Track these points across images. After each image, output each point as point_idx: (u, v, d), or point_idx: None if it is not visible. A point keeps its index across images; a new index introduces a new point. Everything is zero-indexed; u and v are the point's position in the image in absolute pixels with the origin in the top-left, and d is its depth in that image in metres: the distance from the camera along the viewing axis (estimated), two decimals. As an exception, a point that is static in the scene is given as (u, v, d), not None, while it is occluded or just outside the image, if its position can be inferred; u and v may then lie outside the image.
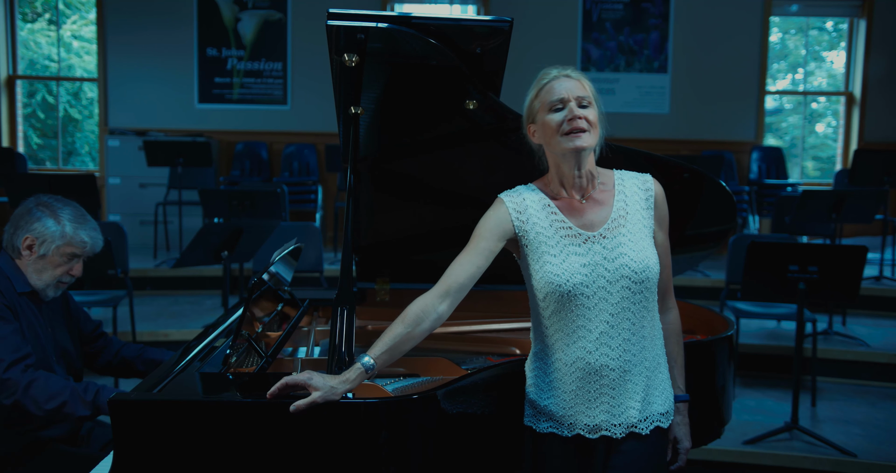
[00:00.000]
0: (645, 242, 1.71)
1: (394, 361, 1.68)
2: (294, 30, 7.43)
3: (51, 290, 2.29)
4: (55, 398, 2.09)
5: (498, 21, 1.97)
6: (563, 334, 1.69)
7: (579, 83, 1.70)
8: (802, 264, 3.58)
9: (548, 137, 1.71)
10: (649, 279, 1.68)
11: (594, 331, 1.66)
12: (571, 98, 1.67)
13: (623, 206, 1.74)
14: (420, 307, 1.67)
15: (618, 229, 1.71)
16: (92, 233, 2.30)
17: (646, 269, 1.68)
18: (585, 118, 1.67)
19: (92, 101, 8.43)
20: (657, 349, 1.75)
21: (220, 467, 1.60)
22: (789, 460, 3.60)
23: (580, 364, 1.67)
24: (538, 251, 1.70)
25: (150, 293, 5.89)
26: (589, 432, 1.69)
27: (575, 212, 1.73)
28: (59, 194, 2.39)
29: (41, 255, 2.24)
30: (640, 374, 1.69)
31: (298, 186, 7.14)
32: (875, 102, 7.56)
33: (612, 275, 1.66)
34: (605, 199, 1.75)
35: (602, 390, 1.68)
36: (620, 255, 1.67)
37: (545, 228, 1.71)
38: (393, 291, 2.77)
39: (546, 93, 1.70)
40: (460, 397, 1.80)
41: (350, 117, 2.11)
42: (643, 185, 1.78)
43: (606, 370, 1.67)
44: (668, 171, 2.48)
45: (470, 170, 2.41)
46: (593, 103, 1.70)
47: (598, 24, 7.43)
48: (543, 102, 1.70)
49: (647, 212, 1.75)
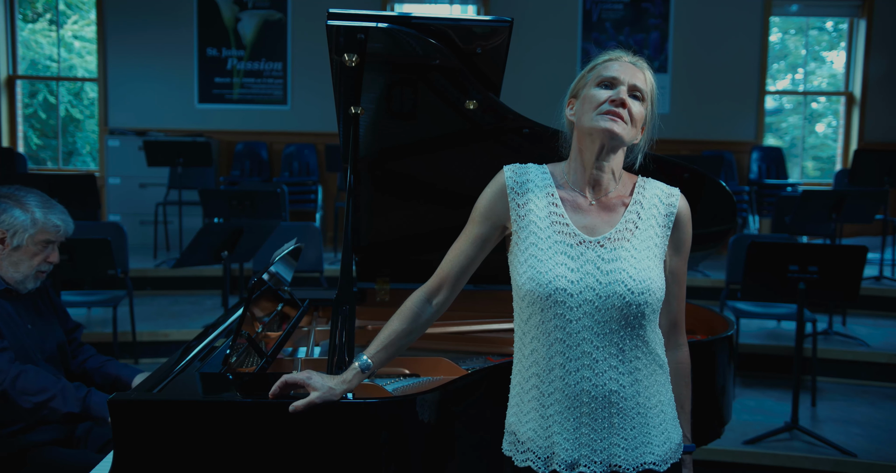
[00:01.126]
0: (650, 262, 1.50)
1: (393, 358, 1.65)
2: (294, 30, 7.43)
3: (30, 282, 2.25)
4: (44, 392, 2.06)
5: (498, 21, 1.97)
6: (541, 344, 1.50)
7: (642, 74, 1.54)
8: (802, 264, 3.58)
9: (583, 111, 1.52)
10: (647, 304, 1.47)
11: (574, 348, 1.47)
12: (626, 82, 1.51)
13: (635, 217, 1.54)
14: (415, 303, 1.62)
15: (620, 242, 1.51)
16: (62, 216, 2.26)
17: (645, 291, 1.46)
18: (630, 109, 1.50)
19: (93, 101, 8.43)
20: (657, 387, 1.53)
21: (221, 467, 1.60)
22: (789, 460, 3.60)
23: (558, 385, 1.49)
24: (526, 241, 1.53)
25: (150, 293, 5.89)
26: (566, 468, 1.49)
27: (579, 210, 1.54)
28: (59, 195, 2.38)
29: (15, 247, 2.19)
30: (632, 409, 1.49)
31: (298, 186, 7.15)
32: (875, 102, 7.56)
33: (602, 289, 1.46)
34: (616, 205, 1.56)
35: (582, 419, 1.48)
36: (617, 269, 1.47)
37: (540, 217, 1.53)
38: (393, 291, 2.77)
39: (603, 68, 1.53)
40: (460, 397, 1.80)
41: (350, 117, 2.11)
42: (667, 199, 1.58)
43: (586, 397, 1.47)
44: (668, 171, 2.48)
45: (470, 170, 2.40)
46: (647, 100, 1.54)
47: (598, 24, 7.43)
48: (595, 76, 1.53)
49: (662, 230, 1.55)
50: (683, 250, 1.59)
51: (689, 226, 1.59)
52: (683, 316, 1.63)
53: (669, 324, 1.61)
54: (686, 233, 1.59)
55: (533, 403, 1.54)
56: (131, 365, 2.44)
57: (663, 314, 1.58)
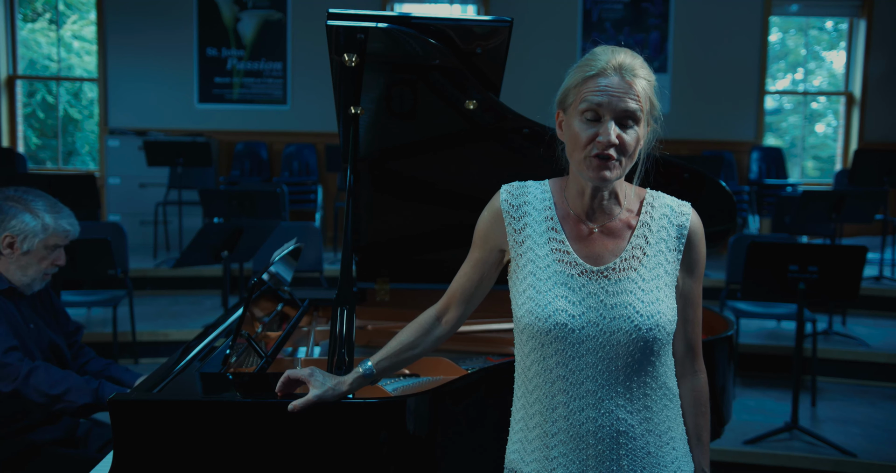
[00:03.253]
0: (661, 292, 1.38)
1: (397, 369, 1.64)
2: (294, 30, 7.43)
3: (37, 284, 2.26)
4: (58, 385, 2.08)
5: (498, 21, 1.97)
6: (543, 380, 1.40)
7: (631, 88, 1.33)
8: (802, 264, 3.58)
9: (570, 147, 1.38)
10: (657, 340, 1.36)
11: (578, 387, 1.36)
12: (612, 112, 1.32)
13: (643, 242, 1.41)
14: (425, 318, 1.59)
15: (627, 271, 1.38)
16: (70, 220, 2.28)
17: (655, 327, 1.35)
18: (621, 144, 1.32)
19: (92, 101, 8.43)
20: (668, 423, 1.42)
21: (221, 467, 1.60)
22: (789, 460, 3.60)
23: (562, 425, 1.38)
24: (524, 270, 1.42)
25: (150, 293, 5.89)
26: None
27: (581, 236, 1.42)
28: (59, 195, 2.38)
29: (25, 251, 2.21)
30: (642, 449, 1.38)
31: (298, 186, 7.15)
32: (875, 102, 7.56)
33: (608, 325, 1.35)
34: (621, 230, 1.42)
35: (588, 462, 1.38)
36: (623, 303, 1.35)
37: (539, 244, 1.42)
38: (393, 291, 2.76)
39: (588, 89, 1.34)
40: (460, 397, 1.80)
41: (350, 117, 2.11)
42: (677, 218, 1.43)
43: (592, 439, 1.37)
44: (668, 171, 2.47)
45: (470, 170, 2.41)
46: (642, 117, 1.35)
47: (598, 24, 7.43)
48: (580, 99, 1.35)
49: (673, 254, 1.41)
50: (697, 271, 1.46)
51: (703, 245, 1.46)
52: (700, 341, 1.51)
53: (685, 350, 1.49)
54: (699, 253, 1.45)
55: (536, 442, 1.43)
56: (133, 371, 2.45)
57: (678, 339, 1.48)
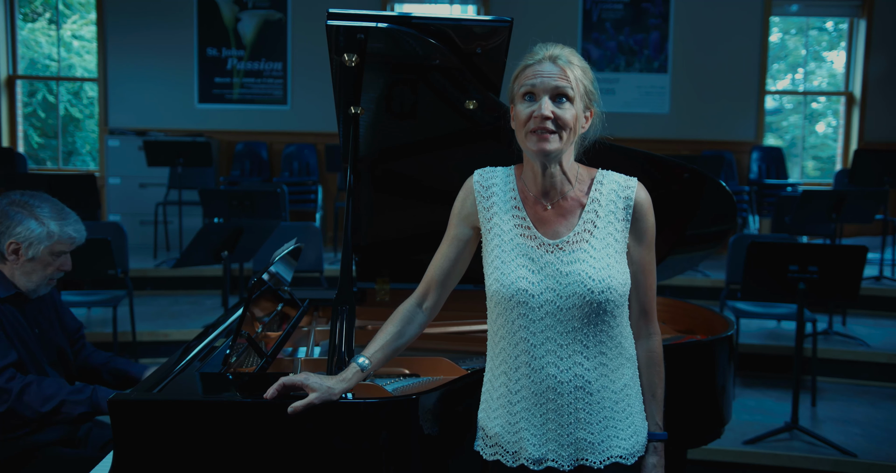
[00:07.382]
0: (612, 259, 1.52)
1: (390, 359, 1.68)
2: (294, 30, 7.43)
3: (42, 288, 2.26)
4: (51, 400, 2.08)
5: (498, 21, 1.97)
6: (507, 343, 1.55)
7: (563, 71, 1.50)
8: (802, 264, 3.58)
9: (516, 128, 1.55)
10: (610, 301, 1.49)
11: (539, 347, 1.51)
12: (545, 91, 1.49)
13: (593, 217, 1.56)
14: (406, 307, 1.68)
15: (579, 243, 1.53)
16: (76, 226, 2.26)
17: (607, 289, 1.49)
18: (556, 118, 1.48)
19: (92, 100, 8.43)
20: (624, 379, 1.56)
21: (221, 467, 1.60)
22: (789, 460, 3.60)
23: (524, 383, 1.53)
24: (491, 243, 1.58)
25: (150, 293, 5.89)
26: (533, 463, 1.52)
27: (540, 214, 1.58)
28: (59, 195, 2.37)
29: (30, 258, 2.19)
30: (598, 403, 1.52)
31: (298, 186, 7.15)
32: (875, 102, 7.56)
33: (563, 290, 1.49)
34: (573, 207, 1.57)
35: (548, 414, 1.52)
36: (576, 271, 1.49)
37: (504, 220, 1.58)
38: (393, 291, 2.77)
39: (524, 76, 1.52)
40: (460, 397, 1.80)
41: (350, 117, 2.11)
42: (623, 192, 1.57)
43: (552, 394, 1.51)
44: (668, 171, 2.48)
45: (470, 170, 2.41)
46: (575, 98, 1.51)
47: (598, 24, 7.43)
48: (519, 85, 1.52)
49: (622, 224, 1.56)
50: (647, 239, 1.59)
51: (650, 215, 1.58)
52: (654, 305, 1.63)
53: (639, 313, 1.62)
54: (647, 222, 1.58)
55: (501, 400, 1.57)
56: (132, 361, 2.45)
57: (633, 303, 1.60)
